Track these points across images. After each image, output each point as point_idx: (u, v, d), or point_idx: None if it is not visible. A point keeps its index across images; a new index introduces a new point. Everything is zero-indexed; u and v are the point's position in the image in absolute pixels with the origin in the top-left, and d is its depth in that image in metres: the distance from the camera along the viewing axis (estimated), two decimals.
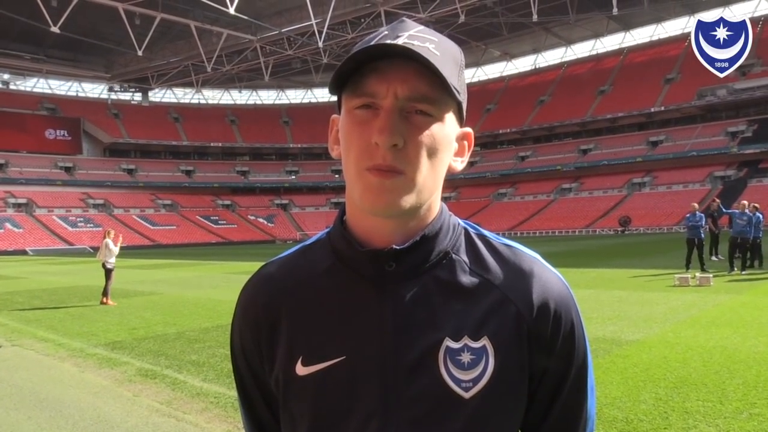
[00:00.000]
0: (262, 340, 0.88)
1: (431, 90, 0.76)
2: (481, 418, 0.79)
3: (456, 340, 0.80)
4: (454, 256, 0.85)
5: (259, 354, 0.88)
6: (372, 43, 0.77)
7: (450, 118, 0.80)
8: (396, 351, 0.80)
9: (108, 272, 12.54)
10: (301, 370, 0.83)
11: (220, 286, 16.03)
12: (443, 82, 0.75)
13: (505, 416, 0.82)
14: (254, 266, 1.01)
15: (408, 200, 0.78)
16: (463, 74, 0.82)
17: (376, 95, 0.76)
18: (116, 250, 12.93)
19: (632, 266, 17.19)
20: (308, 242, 0.93)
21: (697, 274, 12.70)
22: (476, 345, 0.80)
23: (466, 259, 0.85)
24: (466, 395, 0.79)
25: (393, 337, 0.80)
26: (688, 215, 15.60)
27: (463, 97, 0.81)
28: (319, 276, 0.86)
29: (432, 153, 0.78)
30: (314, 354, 0.83)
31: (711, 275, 12.50)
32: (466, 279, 0.84)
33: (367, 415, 0.80)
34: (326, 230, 0.91)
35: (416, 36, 0.77)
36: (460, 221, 0.90)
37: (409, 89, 0.75)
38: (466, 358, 0.80)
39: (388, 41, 0.75)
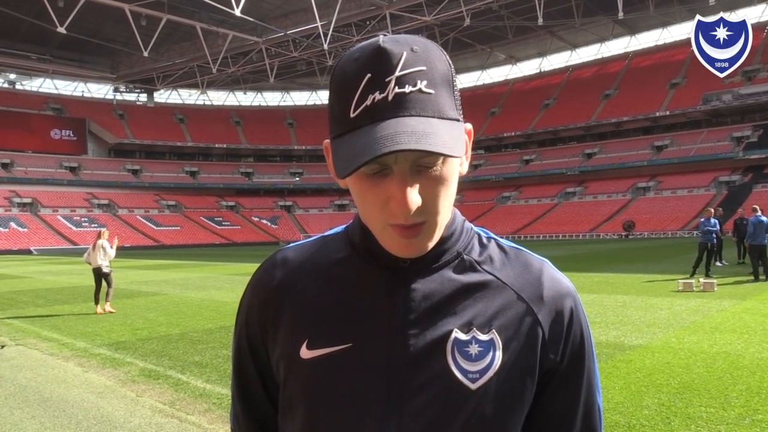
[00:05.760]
0: (268, 320, 0.89)
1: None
2: (486, 410, 0.80)
3: (465, 332, 0.82)
4: (466, 256, 0.87)
5: (263, 334, 0.90)
6: (359, 96, 0.72)
7: None
8: (404, 342, 0.81)
9: (106, 276, 11.55)
10: (305, 353, 0.84)
11: (223, 287, 16.05)
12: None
13: (510, 410, 0.82)
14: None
15: (433, 240, 0.80)
16: (456, 84, 0.79)
17: (384, 161, 0.73)
18: (113, 252, 11.78)
19: (636, 271, 17.16)
20: (328, 233, 0.95)
21: (701, 280, 12.67)
22: (484, 338, 0.82)
23: (478, 259, 0.87)
24: (473, 386, 0.80)
25: (402, 329, 0.81)
26: (702, 219, 15.79)
27: (460, 108, 0.79)
28: (332, 264, 0.88)
29: (446, 189, 0.78)
30: (320, 338, 0.84)
31: (715, 281, 12.47)
32: (478, 277, 0.85)
33: (369, 403, 0.80)
34: (347, 224, 0.93)
35: (405, 79, 0.72)
36: (472, 226, 0.92)
37: (418, 152, 0.72)
38: (473, 349, 0.81)
39: (378, 95, 0.72)
